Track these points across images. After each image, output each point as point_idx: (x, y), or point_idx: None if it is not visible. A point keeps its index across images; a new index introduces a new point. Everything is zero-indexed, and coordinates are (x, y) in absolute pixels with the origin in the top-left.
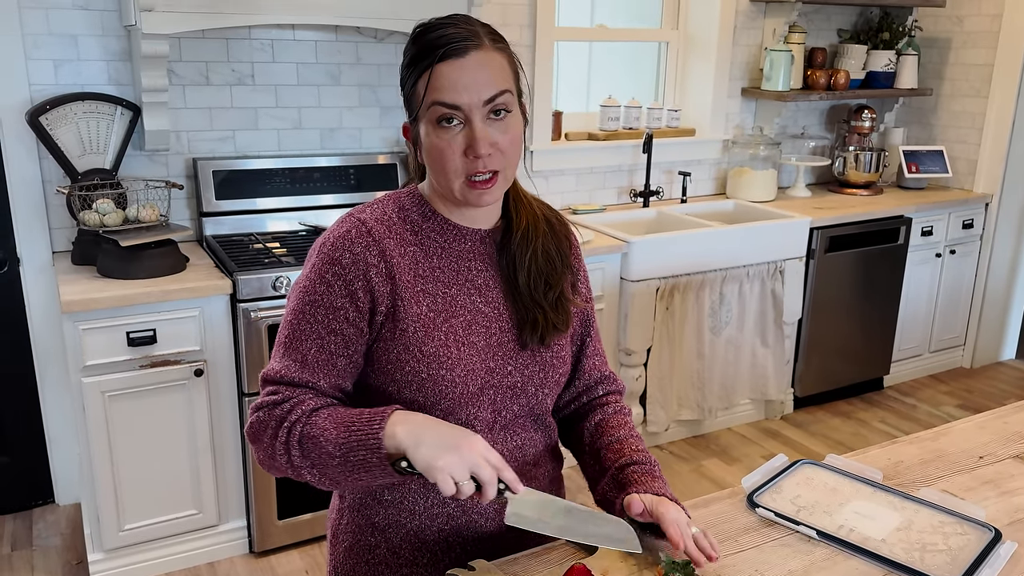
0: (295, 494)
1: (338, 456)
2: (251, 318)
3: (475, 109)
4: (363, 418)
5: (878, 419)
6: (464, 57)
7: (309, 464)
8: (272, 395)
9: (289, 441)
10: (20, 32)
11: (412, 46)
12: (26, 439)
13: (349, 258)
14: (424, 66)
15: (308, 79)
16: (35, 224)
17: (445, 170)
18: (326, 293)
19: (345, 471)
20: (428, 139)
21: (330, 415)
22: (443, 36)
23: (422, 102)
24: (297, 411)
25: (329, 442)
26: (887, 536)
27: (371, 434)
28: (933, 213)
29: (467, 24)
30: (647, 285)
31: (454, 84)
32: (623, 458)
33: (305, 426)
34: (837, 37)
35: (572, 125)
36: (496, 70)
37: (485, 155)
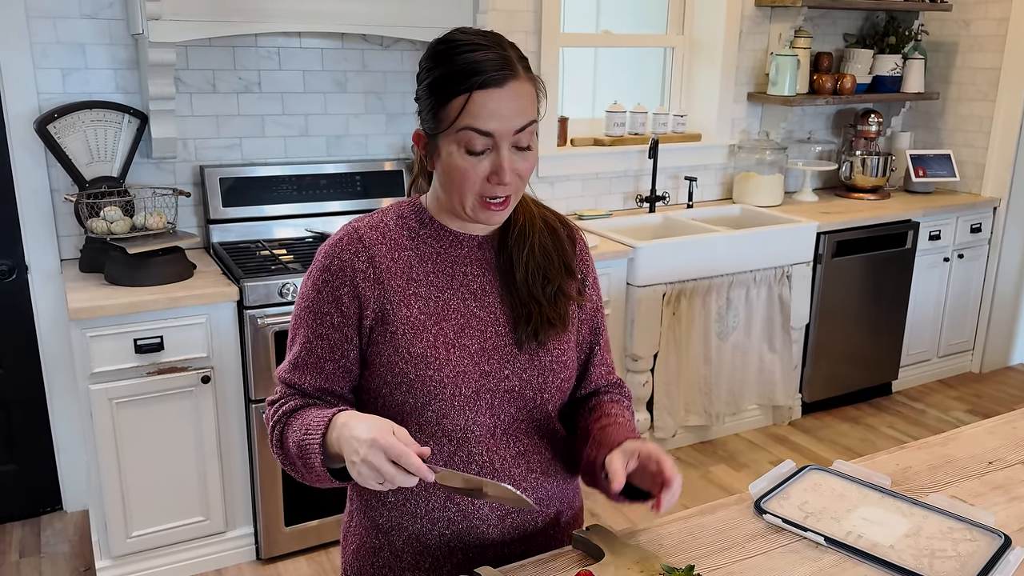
0: (302, 501)
1: (300, 459)
2: (258, 325)
3: (505, 138)
4: (315, 422)
5: (886, 424)
6: (503, 87)
7: (289, 464)
8: (274, 394)
9: (273, 441)
10: (28, 41)
11: (443, 64)
12: (34, 446)
13: (337, 264)
14: (461, 89)
15: (314, 87)
16: (43, 232)
17: (463, 189)
18: (316, 299)
19: (309, 472)
20: (451, 159)
21: (300, 417)
22: (483, 62)
23: (452, 123)
24: (279, 412)
25: (294, 444)
26: (896, 542)
27: (315, 440)
28: (941, 217)
29: (500, 48)
30: (654, 290)
31: (491, 113)
32: (605, 422)
33: (284, 427)
34: (843, 42)
35: (578, 131)
36: (528, 101)
37: (508, 182)
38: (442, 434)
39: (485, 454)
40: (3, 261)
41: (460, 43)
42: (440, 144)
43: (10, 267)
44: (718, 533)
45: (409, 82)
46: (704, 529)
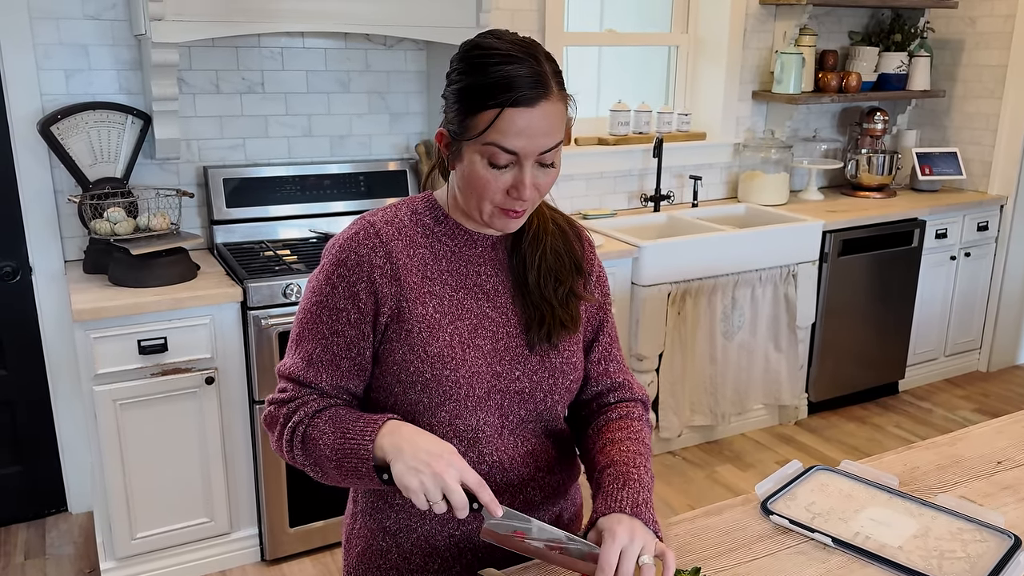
0: (306, 502)
1: (334, 460)
2: (262, 325)
3: (529, 157)
4: (357, 426)
5: (893, 424)
6: (534, 107)
7: (311, 463)
8: (282, 392)
9: (293, 440)
10: (31, 42)
11: (476, 72)
12: (39, 447)
13: (354, 259)
14: (491, 104)
15: (318, 87)
16: (47, 233)
17: (481, 198)
18: (331, 295)
19: (341, 475)
20: (473, 168)
21: (331, 418)
22: (517, 78)
23: (479, 135)
24: (301, 412)
25: (327, 446)
26: (904, 543)
27: (362, 444)
28: (947, 215)
29: (536, 62)
30: (658, 290)
31: (519, 132)
32: (605, 460)
33: (308, 427)
34: (848, 39)
35: (582, 130)
36: (557, 120)
37: (527, 198)
38: (453, 434)
39: (495, 454)
40: (7, 263)
41: (495, 52)
42: (464, 150)
43: (14, 268)
44: (724, 534)
45: (412, 82)
46: (710, 530)
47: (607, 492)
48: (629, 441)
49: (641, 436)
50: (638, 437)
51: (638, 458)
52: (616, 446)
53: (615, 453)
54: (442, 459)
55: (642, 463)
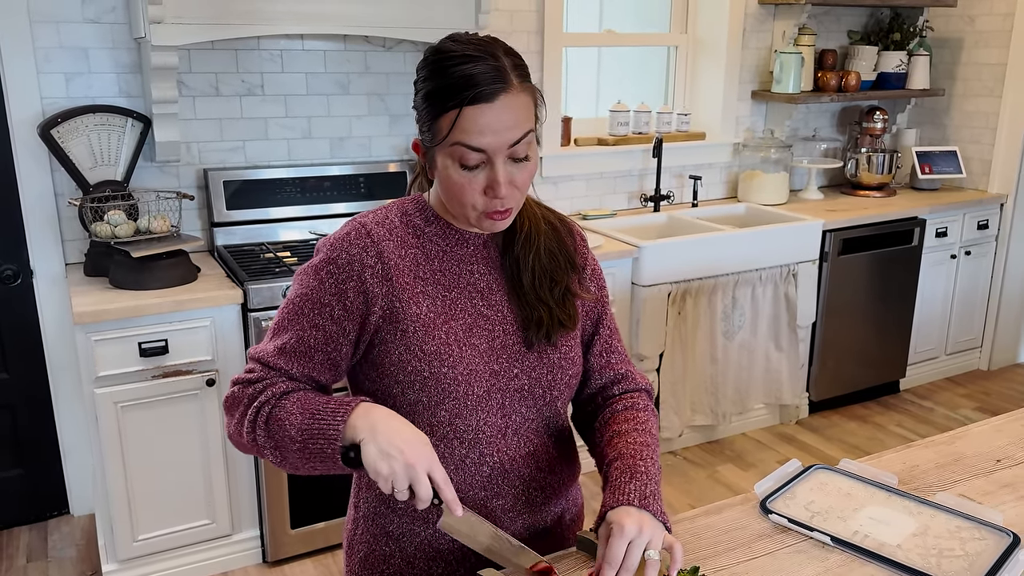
0: (308, 503)
1: (299, 441)
2: (262, 327)
3: (499, 152)
4: (328, 407)
5: (895, 423)
6: (493, 102)
7: (272, 445)
8: (249, 373)
9: (256, 420)
10: (32, 46)
11: (435, 77)
12: (40, 450)
13: (345, 259)
14: (450, 105)
15: (317, 89)
16: (48, 236)
17: (461, 202)
18: (317, 289)
19: (303, 457)
20: (446, 172)
21: (299, 400)
22: (472, 76)
23: (445, 138)
24: (268, 392)
25: (293, 426)
26: (903, 542)
27: (332, 424)
28: (947, 214)
29: (493, 58)
30: (659, 290)
31: (481, 129)
32: (613, 453)
33: (273, 408)
34: (847, 38)
35: (581, 130)
36: (522, 112)
37: (504, 196)
38: (454, 435)
39: (496, 455)
40: (8, 266)
41: (452, 54)
42: (436, 156)
43: (15, 271)
44: (724, 533)
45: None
46: (710, 529)
47: (615, 485)
48: (636, 432)
49: (647, 427)
50: (644, 428)
51: (645, 450)
52: (623, 438)
53: (622, 445)
54: (415, 448)
55: (649, 455)
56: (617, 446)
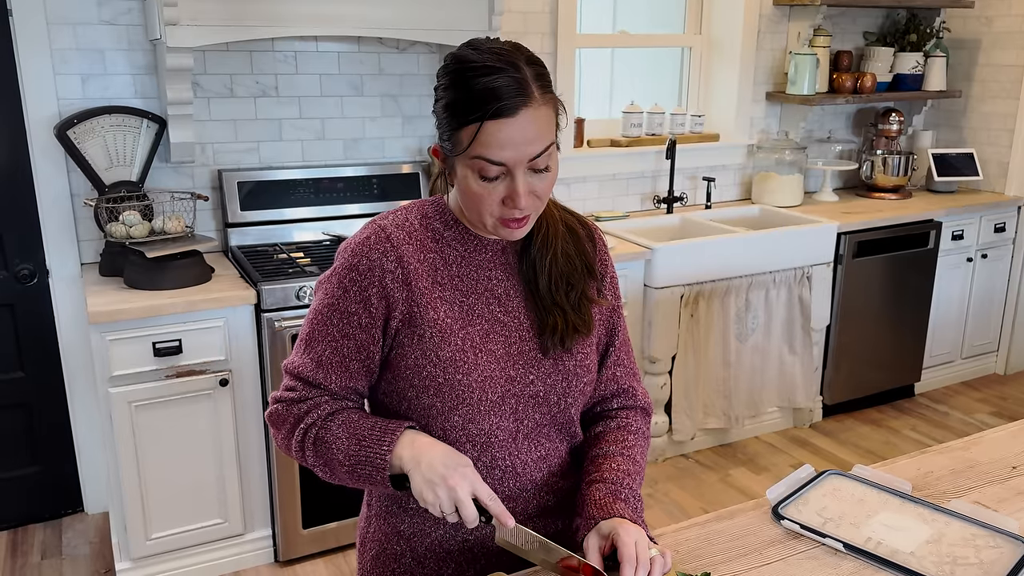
0: (320, 503)
1: (347, 465)
2: (275, 328)
3: (519, 166)
4: (374, 434)
5: (909, 427)
6: (515, 116)
7: (322, 464)
8: (290, 391)
9: (304, 442)
10: (48, 48)
11: (456, 88)
12: (55, 448)
13: (366, 264)
14: (471, 119)
15: (331, 90)
16: (64, 236)
17: (479, 211)
18: (342, 298)
19: (352, 479)
20: (466, 182)
21: (345, 423)
22: (494, 90)
23: (465, 150)
24: (314, 414)
25: (340, 451)
26: (916, 549)
27: (379, 454)
28: (964, 217)
29: (515, 68)
30: (671, 292)
31: (502, 143)
32: (595, 473)
33: (320, 430)
34: (863, 40)
35: (594, 132)
36: (544, 125)
37: (523, 207)
38: (466, 439)
39: (507, 458)
40: (25, 265)
41: (473, 65)
42: (456, 165)
43: (31, 271)
44: (735, 539)
45: (425, 85)
46: (721, 535)
47: (601, 504)
48: (621, 457)
49: (633, 453)
50: (630, 454)
51: (627, 479)
52: (609, 461)
53: (606, 469)
54: (456, 473)
55: (631, 484)
56: (602, 468)
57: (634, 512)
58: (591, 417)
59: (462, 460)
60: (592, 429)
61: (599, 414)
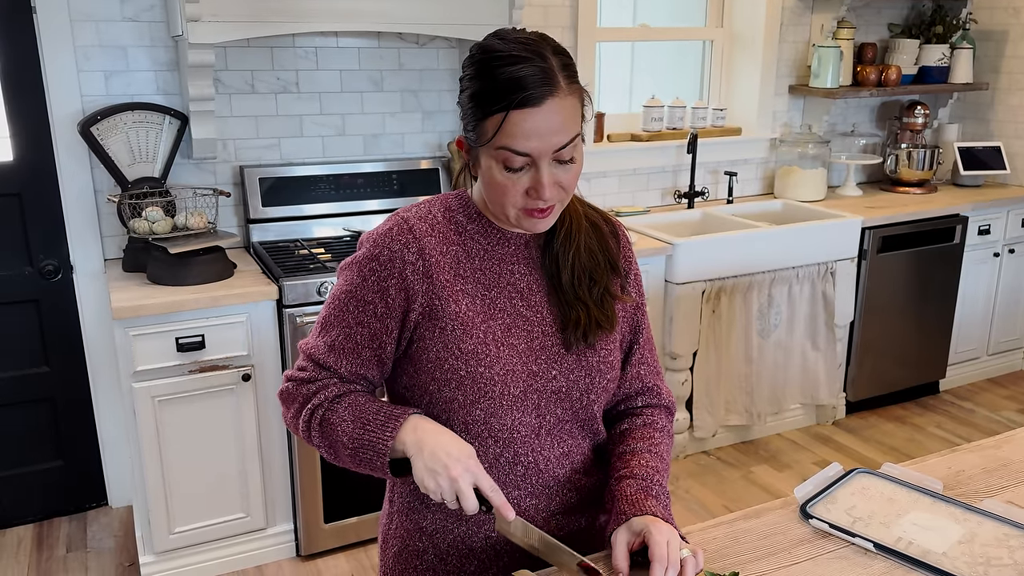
0: (341, 498)
1: (349, 448)
2: (297, 323)
3: (544, 156)
4: (378, 419)
5: (934, 424)
6: (540, 106)
7: (326, 445)
8: (302, 371)
9: (311, 422)
10: (72, 45)
11: (482, 77)
12: (80, 443)
13: (387, 255)
14: (496, 108)
15: (351, 86)
16: (87, 232)
17: (503, 202)
18: (360, 286)
19: (353, 462)
20: (490, 173)
21: (351, 406)
22: (520, 79)
23: (490, 140)
24: (321, 395)
25: (344, 433)
26: (949, 549)
27: (381, 440)
28: (990, 211)
29: (541, 58)
30: (692, 288)
31: (527, 133)
32: (624, 470)
33: (327, 411)
34: (888, 32)
35: (614, 126)
36: (570, 116)
37: (547, 198)
38: (488, 434)
39: (530, 455)
40: (49, 261)
41: (499, 54)
42: (480, 156)
43: (56, 267)
44: (763, 538)
45: (445, 80)
46: (748, 534)
47: (632, 500)
48: (649, 455)
49: (660, 450)
50: (657, 451)
51: (656, 475)
52: (636, 458)
53: (635, 466)
54: (459, 463)
55: (659, 480)
56: (630, 464)
57: (664, 509)
58: (615, 415)
59: (465, 449)
60: (617, 426)
61: (623, 412)
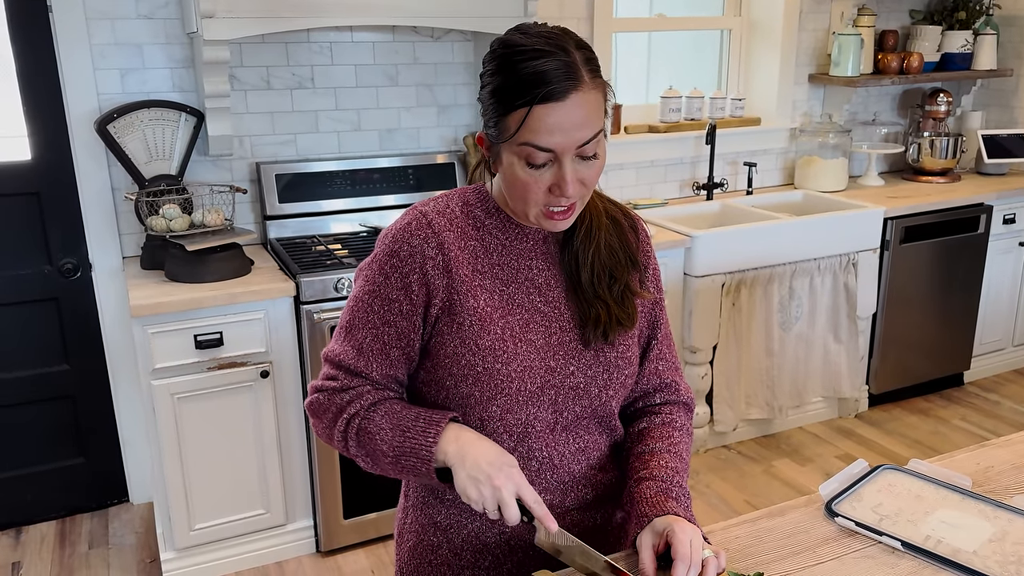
0: (360, 493)
1: (390, 456)
2: (314, 320)
3: (567, 152)
4: (418, 426)
5: (959, 417)
6: (564, 100)
7: (364, 454)
8: (331, 380)
9: (347, 432)
10: (88, 43)
11: (504, 72)
12: (101, 440)
13: (407, 250)
14: (519, 103)
15: (366, 80)
16: (105, 230)
17: (525, 200)
18: (383, 284)
19: (395, 470)
20: (512, 170)
21: (388, 413)
22: (543, 73)
23: (512, 136)
24: (356, 404)
25: (384, 442)
26: (979, 548)
27: (424, 445)
28: (1016, 200)
29: (564, 52)
30: (712, 280)
31: (550, 129)
32: (644, 471)
33: (363, 420)
34: (909, 18)
35: (632, 118)
36: (593, 110)
37: (571, 195)
38: (503, 429)
39: (545, 449)
40: (68, 259)
41: (521, 49)
42: (502, 152)
43: (75, 265)
44: (787, 537)
45: (460, 74)
46: (772, 532)
47: (653, 501)
48: (668, 455)
49: (679, 449)
50: (677, 451)
51: (676, 476)
52: (656, 458)
53: (655, 467)
54: (502, 473)
55: (679, 481)
56: (650, 465)
57: (685, 510)
58: (633, 413)
59: (508, 459)
60: (635, 425)
61: (641, 409)
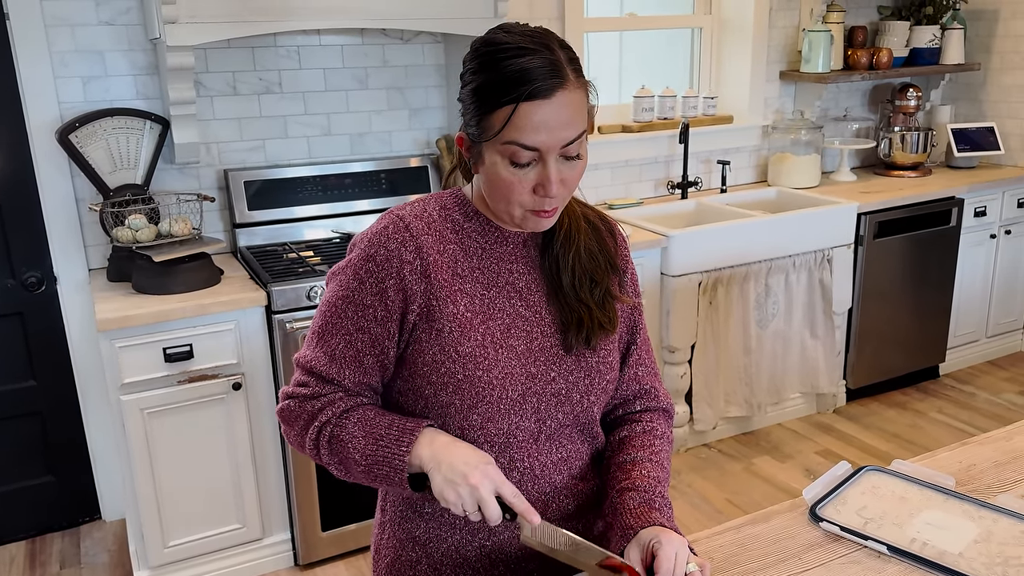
0: (339, 505)
1: (363, 464)
2: (287, 329)
3: (552, 151)
4: (391, 434)
5: (935, 409)
6: (550, 99)
7: (336, 462)
8: (303, 387)
9: (319, 440)
10: (47, 51)
11: (487, 70)
12: (71, 456)
13: (383, 254)
14: (505, 100)
15: (335, 84)
16: (70, 243)
17: (508, 200)
18: (358, 290)
19: (368, 478)
20: (495, 169)
21: (360, 421)
22: (529, 71)
23: (496, 134)
24: (328, 411)
25: (356, 450)
26: (964, 549)
27: (397, 455)
28: (986, 193)
29: (549, 51)
30: (689, 279)
31: (536, 127)
32: (626, 481)
33: (335, 428)
34: (878, 14)
35: (605, 118)
36: (577, 110)
37: (555, 195)
38: (484, 439)
39: (527, 459)
40: (32, 273)
41: (506, 46)
42: (484, 152)
43: (39, 279)
44: (772, 544)
45: (431, 76)
46: (757, 540)
47: (637, 512)
48: (650, 464)
49: (661, 459)
50: (658, 460)
51: (659, 486)
52: (638, 468)
53: (637, 476)
54: (478, 471)
55: (662, 491)
56: (632, 475)
57: (668, 520)
58: (613, 420)
59: (483, 457)
60: (616, 433)
61: (622, 417)
